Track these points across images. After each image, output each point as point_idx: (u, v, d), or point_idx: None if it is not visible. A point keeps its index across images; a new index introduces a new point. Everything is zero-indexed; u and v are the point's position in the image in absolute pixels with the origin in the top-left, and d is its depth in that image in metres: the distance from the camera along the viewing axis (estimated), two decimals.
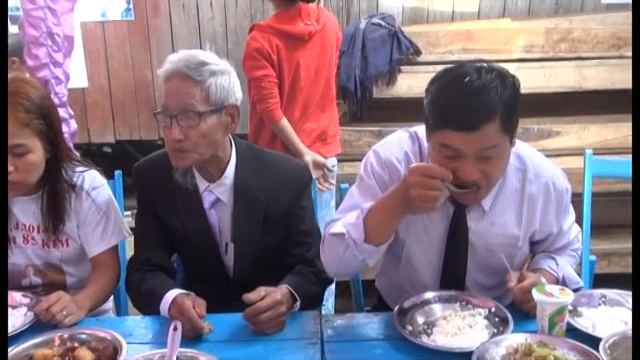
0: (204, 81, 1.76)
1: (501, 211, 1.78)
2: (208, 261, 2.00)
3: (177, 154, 1.81)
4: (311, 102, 2.99)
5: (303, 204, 2.00)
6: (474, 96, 1.52)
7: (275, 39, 2.84)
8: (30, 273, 1.96)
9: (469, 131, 1.52)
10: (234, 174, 1.92)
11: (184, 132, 1.77)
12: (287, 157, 2.11)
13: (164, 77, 1.78)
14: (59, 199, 1.91)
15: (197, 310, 1.65)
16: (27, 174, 1.81)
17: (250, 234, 1.95)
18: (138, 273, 1.90)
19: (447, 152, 1.58)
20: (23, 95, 1.77)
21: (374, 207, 1.65)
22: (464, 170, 1.57)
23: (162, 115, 1.79)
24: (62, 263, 1.98)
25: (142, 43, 4.70)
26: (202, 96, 1.76)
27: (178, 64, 1.76)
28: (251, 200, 1.93)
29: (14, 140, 1.75)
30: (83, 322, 1.74)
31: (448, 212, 1.78)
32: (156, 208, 1.96)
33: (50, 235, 1.93)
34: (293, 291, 1.79)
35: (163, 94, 1.79)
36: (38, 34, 3.61)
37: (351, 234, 1.65)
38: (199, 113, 1.77)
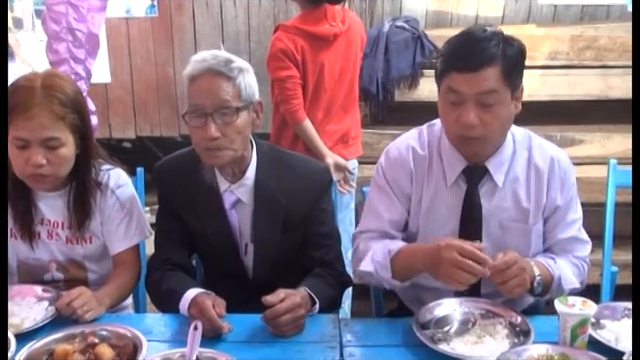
0: (235, 77, 1.78)
1: (512, 185, 1.84)
2: (227, 261, 2.00)
3: (212, 153, 1.81)
4: (334, 104, 2.98)
5: (323, 206, 2.00)
6: (478, 42, 1.69)
7: (300, 40, 2.83)
8: (53, 268, 1.97)
9: (470, 72, 1.66)
10: (255, 175, 1.92)
11: (220, 129, 1.77)
12: (308, 158, 2.11)
13: (193, 76, 1.77)
14: (86, 196, 1.92)
15: (217, 310, 1.65)
16: (58, 168, 1.82)
17: (270, 235, 1.94)
18: (158, 272, 1.91)
19: (451, 97, 1.71)
20: (58, 89, 1.78)
21: (402, 255, 1.78)
22: (465, 116, 1.68)
23: (193, 115, 1.78)
24: (84, 260, 1.99)
25: (165, 40, 4.72)
26: (234, 92, 1.78)
27: (208, 62, 1.76)
28: (271, 201, 1.93)
29: (48, 133, 1.76)
30: (103, 318, 1.75)
31: (460, 192, 1.84)
32: (177, 207, 1.97)
33: (74, 232, 1.94)
34: (312, 294, 1.78)
35: (192, 94, 1.78)
36: (59, 29, 3.63)
37: (379, 273, 1.79)
38: (236, 108, 1.78)
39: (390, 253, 1.76)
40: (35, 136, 1.75)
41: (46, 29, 3.57)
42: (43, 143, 1.77)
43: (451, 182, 1.84)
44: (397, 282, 1.78)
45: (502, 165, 1.82)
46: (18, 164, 1.79)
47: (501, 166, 1.82)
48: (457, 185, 1.84)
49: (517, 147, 1.84)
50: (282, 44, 2.82)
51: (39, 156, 1.76)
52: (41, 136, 1.76)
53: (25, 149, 1.77)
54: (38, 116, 1.74)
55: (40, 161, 1.76)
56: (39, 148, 1.76)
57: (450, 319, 1.70)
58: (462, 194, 1.84)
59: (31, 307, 1.75)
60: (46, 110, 1.75)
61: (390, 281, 1.78)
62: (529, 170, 1.84)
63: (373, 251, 1.80)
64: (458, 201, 1.85)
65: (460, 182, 1.84)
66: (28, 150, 1.76)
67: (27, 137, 1.75)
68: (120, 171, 2.01)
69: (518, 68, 1.73)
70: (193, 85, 1.78)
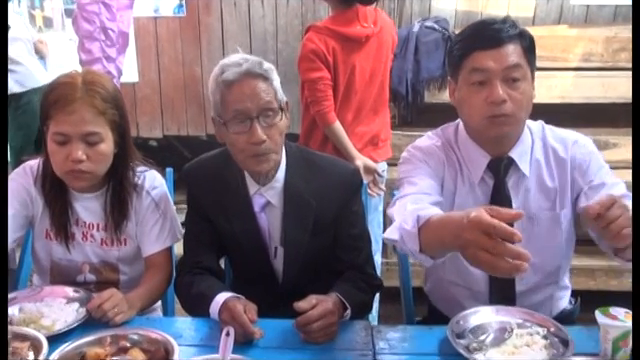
0: (272, 79, 1.77)
1: (536, 172, 1.83)
2: (257, 265, 1.98)
3: (260, 158, 1.78)
4: (364, 105, 2.95)
5: (354, 208, 1.97)
6: (493, 23, 1.73)
7: (331, 41, 2.80)
8: (86, 270, 1.97)
9: (495, 47, 1.68)
10: (284, 177, 1.90)
11: (266, 132, 1.75)
12: (337, 160, 2.08)
13: (232, 81, 1.73)
14: (123, 197, 1.92)
15: (248, 315, 1.63)
16: (97, 164, 1.82)
17: (300, 238, 1.92)
18: (188, 275, 1.90)
19: (477, 77, 1.71)
20: (99, 84, 1.79)
21: (432, 224, 1.48)
22: (495, 92, 1.67)
23: (236, 121, 1.75)
24: (118, 262, 1.99)
25: (193, 39, 4.73)
26: (273, 93, 1.77)
27: (246, 65, 1.74)
28: (301, 203, 1.90)
29: (89, 128, 1.76)
30: (134, 321, 1.74)
31: (488, 188, 1.82)
32: (206, 210, 1.95)
33: (110, 234, 1.94)
34: (344, 299, 1.76)
35: (233, 100, 1.74)
36: (92, 28, 3.65)
37: (406, 243, 1.54)
38: (279, 110, 1.77)
39: (419, 220, 1.48)
40: (76, 131, 1.75)
41: (78, 29, 3.59)
42: (83, 138, 1.76)
43: (478, 179, 1.82)
44: (426, 258, 1.50)
45: (525, 154, 1.82)
46: (57, 160, 1.79)
47: (525, 155, 1.82)
48: (484, 182, 1.83)
49: (534, 137, 1.86)
50: (313, 45, 2.79)
51: (79, 151, 1.76)
52: (82, 131, 1.75)
53: (65, 145, 1.76)
54: (79, 110, 1.74)
55: (80, 156, 1.76)
56: (79, 143, 1.76)
57: (486, 328, 1.66)
58: (490, 190, 1.82)
59: (62, 308, 1.75)
60: (87, 104, 1.75)
61: (417, 255, 1.51)
62: (547, 154, 1.84)
63: (403, 216, 1.60)
64: (486, 198, 1.82)
65: (486, 178, 1.83)
66: (68, 146, 1.76)
67: (68, 132, 1.75)
68: (155, 173, 2.01)
69: (533, 50, 1.77)
70: (232, 90, 1.74)
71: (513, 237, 1.24)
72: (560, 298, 1.97)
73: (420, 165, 1.85)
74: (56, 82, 1.80)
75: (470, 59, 1.72)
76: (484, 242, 1.26)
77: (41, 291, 1.81)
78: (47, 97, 1.77)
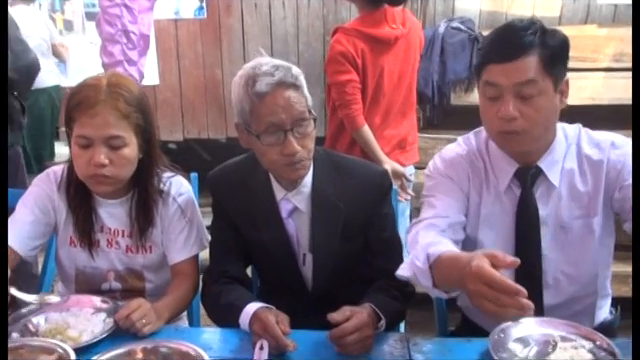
0: (303, 86, 1.72)
1: (568, 180, 1.75)
2: (285, 272, 1.93)
3: (294, 167, 1.74)
4: (392, 108, 2.89)
5: (384, 211, 1.91)
6: (514, 31, 1.63)
7: (360, 43, 2.75)
8: (111, 278, 1.93)
9: (506, 61, 1.60)
10: (312, 181, 1.85)
11: (300, 143, 1.71)
12: (366, 163, 2.02)
13: (265, 92, 1.67)
14: (149, 204, 1.88)
15: (281, 327, 1.58)
16: (121, 169, 1.77)
17: (329, 244, 1.87)
18: (215, 285, 1.85)
19: (490, 91, 1.64)
20: (124, 87, 1.75)
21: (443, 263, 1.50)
22: (504, 108, 1.61)
23: (268, 133, 1.70)
24: (144, 269, 1.94)
25: (213, 42, 4.71)
26: (305, 102, 1.71)
27: (278, 74, 1.68)
28: (329, 208, 1.85)
29: (112, 131, 1.72)
30: (162, 332, 1.69)
31: (514, 197, 1.76)
32: (232, 218, 1.90)
33: (135, 240, 1.90)
34: (378, 310, 1.70)
35: (267, 112, 1.68)
36: (114, 31, 3.64)
37: (419, 279, 1.56)
38: (312, 119, 1.73)
39: (430, 258, 1.52)
40: (99, 134, 1.71)
41: (100, 32, 3.58)
42: (106, 142, 1.72)
43: (504, 188, 1.77)
44: (441, 293, 1.53)
45: (556, 164, 1.74)
46: (80, 164, 1.75)
47: (555, 165, 1.74)
48: (510, 190, 1.77)
49: (569, 142, 1.78)
50: (342, 47, 2.74)
51: (102, 155, 1.72)
52: (105, 134, 1.71)
53: (88, 148, 1.73)
54: (102, 113, 1.70)
55: (102, 160, 1.72)
56: (102, 147, 1.72)
57: (528, 341, 1.59)
58: (516, 199, 1.76)
59: (88, 319, 1.70)
60: (111, 107, 1.71)
61: (433, 291, 1.53)
62: (580, 161, 1.76)
63: (415, 252, 1.63)
64: (512, 207, 1.77)
65: (513, 187, 1.76)
66: (91, 149, 1.73)
67: (90, 135, 1.71)
68: (182, 179, 1.96)
69: (560, 58, 1.66)
70: (264, 102, 1.68)
71: (518, 293, 1.25)
72: (600, 307, 1.90)
73: (442, 181, 1.81)
74: (81, 84, 1.77)
75: (485, 71, 1.66)
76: (487, 293, 1.27)
77: (67, 300, 1.76)
78: (71, 100, 1.74)
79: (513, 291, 1.24)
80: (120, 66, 3.73)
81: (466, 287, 1.32)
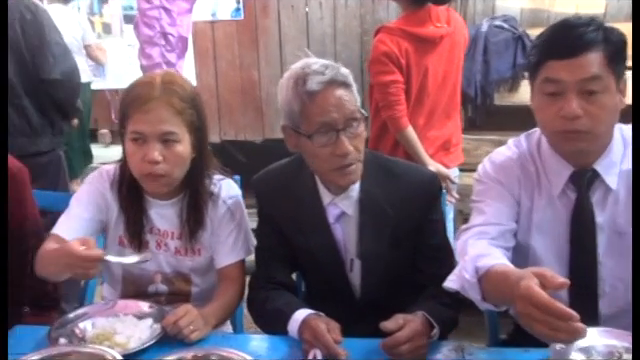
0: (353, 86, 1.68)
1: (626, 182, 1.65)
2: (332, 278, 1.88)
3: (346, 170, 1.69)
4: (437, 109, 2.83)
5: (434, 216, 1.86)
6: (575, 27, 1.56)
7: (404, 42, 2.69)
8: (158, 280, 1.91)
9: (570, 57, 1.53)
10: (360, 186, 1.80)
11: (351, 143, 1.67)
12: (415, 166, 1.97)
13: (316, 92, 1.64)
14: (200, 205, 1.85)
15: (332, 335, 1.53)
16: (174, 167, 1.76)
17: (377, 250, 1.82)
18: (262, 291, 1.82)
19: (550, 88, 1.57)
20: (178, 84, 1.75)
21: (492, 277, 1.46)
22: (567, 106, 1.54)
23: (320, 133, 1.66)
24: (191, 273, 1.92)
25: (250, 43, 4.69)
26: (355, 101, 1.68)
27: (329, 73, 1.65)
28: (378, 214, 1.80)
29: (166, 127, 1.71)
30: (209, 339, 1.66)
31: (569, 202, 1.68)
32: (278, 223, 1.86)
33: (185, 243, 1.88)
34: (431, 318, 1.64)
35: (319, 111, 1.65)
36: (152, 33, 3.64)
37: (468, 292, 1.52)
38: (363, 119, 1.69)
39: (478, 271, 1.48)
40: (153, 130, 1.70)
41: (139, 34, 3.58)
42: (160, 138, 1.71)
43: (558, 192, 1.68)
44: (490, 306, 1.50)
45: (614, 166, 1.65)
46: (134, 161, 1.74)
47: (613, 167, 1.65)
48: (565, 195, 1.68)
49: (627, 143, 1.68)
50: (386, 47, 2.68)
51: (155, 152, 1.70)
52: (159, 130, 1.70)
53: (142, 145, 1.72)
54: (157, 109, 1.70)
55: (156, 157, 1.70)
56: (156, 143, 1.71)
57: (591, 352, 1.52)
58: (571, 204, 1.68)
59: (135, 324, 1.67)
60: (165, 103, 1.70)
61: (482, 304, 1.50)
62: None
63: (463, 263, 1.58)
64: (567, 213, 1.68)
65: (568, 191, 1.67)
66: (144, 146, 1.71)
67: (144, 131, 1.70)
68: (231, 182, 1.94)
69: (621, 56, 1.59)
70: (316, 101, 1.65)
71: (570, 318, 1.19)
72: None
73: (492, 186, 1.73)
74: (135, 82, 1.78)
75: (544, 68, 1.58)
76: (536, 316, 1.22)
77: (114, 305, 1.74)
78: (125, 97, 1.74)
79: (565, 315, 1.19)
80: (158, 68, 3.73)
81: (515, 306, 1.27)
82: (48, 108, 3.00)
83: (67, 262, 1.51)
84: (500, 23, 3.48)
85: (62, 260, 1.53)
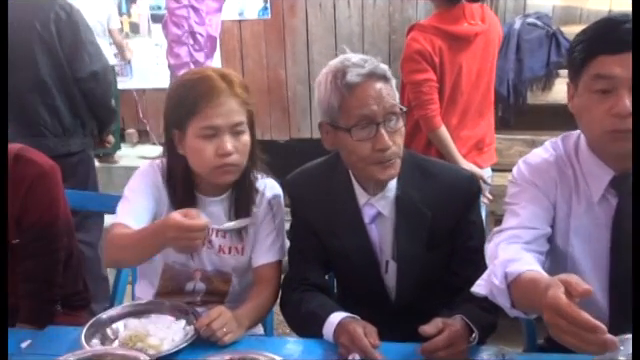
0: (393, 80, 1.66)
1: None
2: (366, 280, 1.84)
3: (386, 165, 1.66)
4: (470, 108, 2.78)
5: (472, 218, 1.81)
6: (624, 22, 1.47)
7: (438, 40, 2.65)
8: (197, 277, 1.88)
9: (624, 51, 1.44)
10: (396, 186, 1.76)
11: (391, 138, 1.64)
12: (453, 166, 1.93)
13: (356, 84, 1.62)
14: (248, 202, 1.83)
15: (370, 339, 1.50)
16: (243, 157, 1.75)
17: (414, 251, 1.77)
18: (296, 292, 1.78)
19: (600, 84, 1.48)
20: (233, 76, 1.75)
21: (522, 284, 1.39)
22: (620, 103, 1.44)
23: (360, 126, 1.63)
24: (232, 272, 1.89)
25: (277, 42, 4.67)
26: (394, 95, 1.65)
27: (368, 65, 1.62)
28: (415, 214, 1.76)
29: (237, 117, 1.71)
30: (242, 341, 1.63)
31: (610, 208, 1.59)
32: (312, 223, 1.83)
33: (229, 240, 1.86)
34: (470, 322, 1.59)
35: (358, 104, 1.62)
36: (180, 33, 3.64)
37: (497, 298, 1.45)
38: (403, 114, 1.66)
39: (507, 277, 1.42)
40: (226, 122, 1.69)
41: (167, 33, 3.58)
42: (231, 129, 1.71)
43: (598, 197, 1.60)
44: (520, 314, 1.44)
45: None
46: (205, 156, 1.72)
47: None
48: (605, 200, 1.60)
49: None
50: (419, 45, 2.64)
51: (228, 144, 1.70)
52: (231, 121, 1.70)
53: (213, 139, 1.70)
54: (227, 102, 1.70)
55: (231, 149, 1.70)
56: (228, 135, 1.70)
57: None
58: (612, 210, 1.59)
59: (168, 326, 1.65)
60: (232, 95, 1.71)
61: (511, 311, 1.44)
62: None
63: (493, 267, 1.51)
64: (607, 218, 1.60)
65: (609, 197, 1.59)
66: (216, 139, 1.70)
67: (219, 124, 1.69)
68: (274, 182, 1.92)
69: None
70: (356, 94, 1.62)
71: (596, 330, 1.13)
72: None
73: (527, 188, 1.66)
74: (188, 79, 1.76)
75: (594, 64, 1.50)
76: (564, 327, 1.16)
77: None
78: (187, 95, 1.71)
79: (591, 327, 1.13)
80: (186, 68, 3.72)
81: (543, 316, 1.20)
82: (80, 109, 3.01)
83: (173, 235, 1.48)
84: (533, 20, 3.41)
85: (167, 234, 1.49)
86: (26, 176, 1.86)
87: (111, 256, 1.69)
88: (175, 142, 1.76)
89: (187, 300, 1.85)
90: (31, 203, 1.87)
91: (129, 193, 1.80)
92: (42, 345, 1.63)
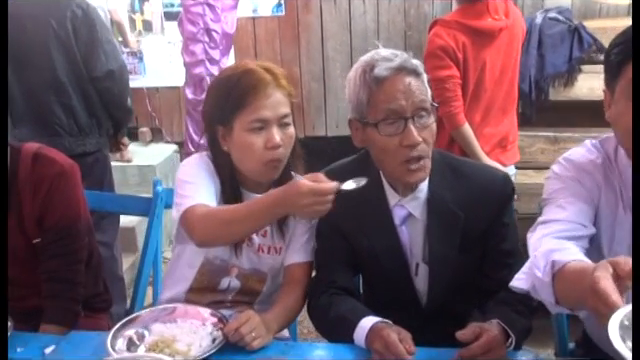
0: (424, 76, 1.62)
1: None
2: (396, 283, 1.79)
3: (416, 165, 1.61)
4: (493, 105, 2.73)
5: (506, 220, 1.76)
6: None
7: (461, 36, 2.60)
8: (234, 274, 1.84)
9: None
10: (427, 186, 1.71)
11: (420, 134, 1.59)
12: (486, 166, 1.88)
13: (384, 77, 1.58)
14: None
15: (405, 345, 1.46)
16: (288, 150, 1.74)
17: (446, 254, 1.72)
18: (324, 296, 1.74)
19: None
20: (274, 67, 1.73)
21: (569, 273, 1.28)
22: None
23: (388, 121, 1.59)
24: (269, 272, 1.85)
25: (292, 39, 4.63)
26: (425, 91, 1.61)
27: (398, 59, 1.59)
28: (447, 215, 1.71)
29: (284, 109, 1.70)
30: (271, 346, 1.60)
31: None
32: (340, 224, 1.78)
33: (270, 240, 1.82)
34: (507, 327, 1.55)
35: (386, 98, 1.59)
36: (196, 30, 3.60)
37: (539, 293, 1.35)
38: (434, 109, 1.62)
39: (554, 266, 1.30)
40: (274, 114, 1.68)
41: (182, 30, 3.54)
42: (279, 121, 1.69)
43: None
44: (564, 310, 1.36)
45: None
46: (255, 151, 1.69)
47: None
48: None
49: None
50: (442, 41, 2.59)
51: (277, 136, 1.68)
52: (279, 113, 1.69)
53: (260, 132, 1.68)
54: (274, 94, 1.68)
55: (279, 141, 1.68)
56: (275, 128, 1.68)
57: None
58: None
59: (195, 331, 1.61)
60: (278, 86, 1.70)
61: (554, 308, 1.34)
62: None
63: (534, 259, 1.38)
64: None
65: None
66: (264, 133, 1.68)
67: (267, 116, 1.67)
68: None
69: None
70: (384, 88, 1.59)
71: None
72: None
73: (572, 185, 1.56)
74: (231, 74, 1.73)
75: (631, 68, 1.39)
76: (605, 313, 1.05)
77: (174, 311, 1.68)
78: (232, 89, 1.68)
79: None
80: (202, 65, 3.69)
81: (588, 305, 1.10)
82: (96, 108, 2.97)
83: (308, 201, 1.47)
84: (555, 15, 3.35)
85: (299, 201, 1.48)
86: (46, 175, 1.84)
87: (207, 234, 1.62)
88: (219, 139, 1.73)
89: (218, 299, 1.82)
90: (52, 203, 1.84)
91: (191, 178, 1.74)
92: (66, 351, 1.60)
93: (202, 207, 1.64)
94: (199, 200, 1.66)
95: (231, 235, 1.64)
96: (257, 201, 1.61)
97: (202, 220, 1.61)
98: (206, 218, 1.61)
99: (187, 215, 1.64)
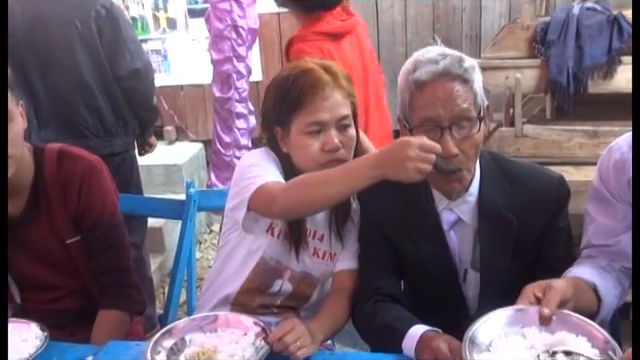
0: (473, 80, 1.52)
1: None
2: (443, 290, 1.73)
3: (452, 178, 1.56)
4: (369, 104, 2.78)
5: (560, 224, 1.69)
6: None
7: (324, 43, 2.64)
8: (286, 276, 1.79)
9: None
10: (478, 190, 1.65)
11: (459, 145, 1.51)
12: (539, 168, 1.80)
13: (424, 82, 1.51)
14: (350, 202, 1.76)
15: (456, 357, 1.39)
16: (349, 152, 1.69)
17: (497, 260, 1.66)
18: (368, 303, 1.68)
19: None
20: (333, 67, 1.70)
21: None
22: None
23: (423, 129, 1.52)
24: (321, 277, 1.81)
25: None
26: (472, 99, 1.52)
27: (444, 62, 1.50)
28: (499, 220, 1.64)
29: (343, 111, 1.66)
30: (316, 356, 1.54)
31: None
32: (385, 229, 1.72)
33: (326, 245, 1.78)
34: None
35: (423, 104, 1.52)
36: (223, 27, 3.55)
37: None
38: (477, 119, 1.52)
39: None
40: (332, 116, 1.64)
41: (210, 27, 3.49)
42: (337, 123, 1.65)
43: None
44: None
45: None
46: (312, 153, 1.65)
47: None
48: None
49: None
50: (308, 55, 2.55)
51: (335, 139, 1.64)
52: (337, 115, 1.65)
53: (318, 135, 1.64)
54: (333, 95, 1.65)
55: (338, 144, 1.64)
56: (334, 130, 1.65)
57: None
58: None
59: (236, 341, 1.55)
60: (337, 87, 1.66)
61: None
62: None
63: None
64: None
65: None
66: (321, 135, 1.65)
67: (325, 119, 1.64)
68: None
69: None
70: (423, 93, 1.51)
71: None
72: None
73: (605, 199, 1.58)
74: (289, 74, 1.68)
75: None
76: None
77: (215, 320, 1.62)
78: (289, 90, 1.64)
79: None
80: (229, 62, 3.64)
81: None
82: (122, 108, 2.93)
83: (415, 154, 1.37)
84: (592, 5, 3.22)
85: (406, 152, 1.37)
86: (74, 173, 1.82)
87: (293, 199, 1.52)
88: (278, 140, 1.69)
89: (267, 302, 1.78)
90: (89, 201, 1.83)
91: (258, 161, 1.69)
92: None
93: (274, 183, 1.57)
94: (271, 178, 1.60)
95: (321, 198, 1.50)
96: (354, 162, 1.56)
97: (286, 187, 1.55)
98: (292, 183, 1.55)
99: (264, 188, 1.56)
